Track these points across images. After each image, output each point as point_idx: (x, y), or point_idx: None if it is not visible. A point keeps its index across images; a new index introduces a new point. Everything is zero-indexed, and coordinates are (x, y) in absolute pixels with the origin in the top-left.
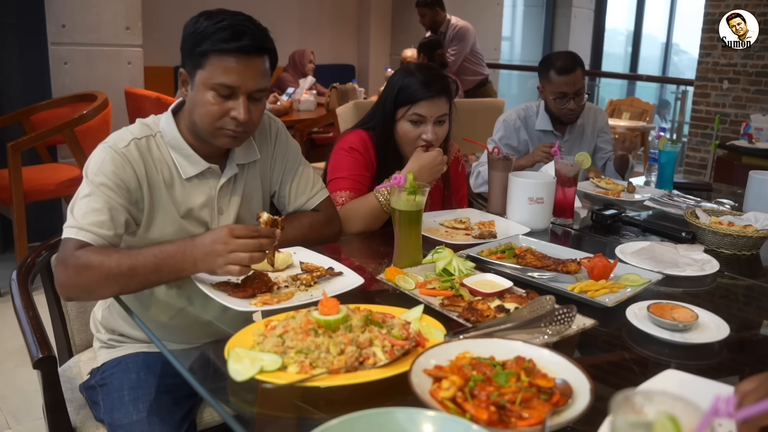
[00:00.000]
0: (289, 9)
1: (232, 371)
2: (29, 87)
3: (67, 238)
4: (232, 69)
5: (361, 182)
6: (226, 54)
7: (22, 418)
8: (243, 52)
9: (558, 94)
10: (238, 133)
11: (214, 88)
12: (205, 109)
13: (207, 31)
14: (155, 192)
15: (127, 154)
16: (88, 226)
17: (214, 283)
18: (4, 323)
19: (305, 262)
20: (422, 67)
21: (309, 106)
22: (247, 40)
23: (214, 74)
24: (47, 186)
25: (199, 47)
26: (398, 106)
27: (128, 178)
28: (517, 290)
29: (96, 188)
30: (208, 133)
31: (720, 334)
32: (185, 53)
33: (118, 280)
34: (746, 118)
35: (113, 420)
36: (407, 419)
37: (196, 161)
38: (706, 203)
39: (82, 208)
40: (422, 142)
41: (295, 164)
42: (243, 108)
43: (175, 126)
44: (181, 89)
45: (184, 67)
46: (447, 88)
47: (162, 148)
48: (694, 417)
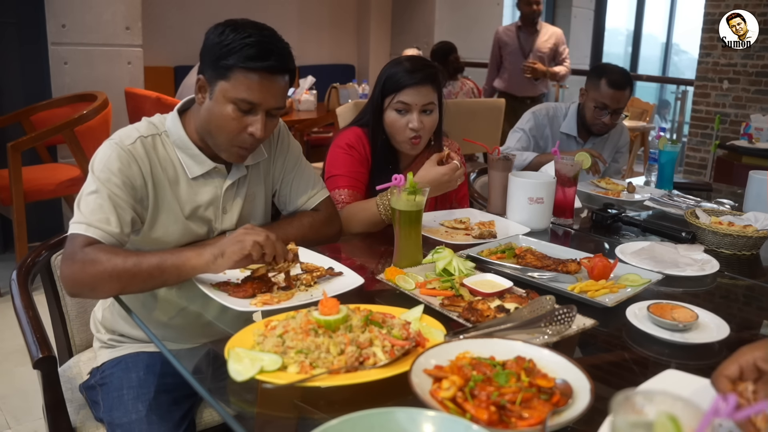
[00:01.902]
0: (289, 9)
1: (232, 371)
2: (29, 87)
3: (76, 234)
4: (255, 86)
5: (359, 179)
6: (251, 71)
7: (22, 418)
8: (268, 71)
9: (600, 104)
10: (251, 149)
11: (235, 102)
12: (223, 122)
13: (234, 45)
14: (160, 190)
15: (133, 151)
16: (96, 223)
17: (214, 283)
18: (4, 323)
19: (305, 262)
20: (410, 57)
21: (309, 106)
22: (274, 60)
23: (237, 89)
24: (47, 186)
25: (224, 60)
26: (385, 95)
27: (134, 175)
28: (517, 290)
29: (102, 185)
30: (222, 147)
31: (720, 334)
32: (207, 62)
33: (121, 278)
34: (746, 118)
35: (113, 419)
36: (407, 419)
37: (202, 161)
38: (706, 203)
39: (89, 204)
40: (411, 133)
41: (295, 164)
42: (261, 125)
43: (182, 126)
44: (197, 95)
45: (203, 73)
46: (432, 76)
47: (168, 147)
48: (695, 417)
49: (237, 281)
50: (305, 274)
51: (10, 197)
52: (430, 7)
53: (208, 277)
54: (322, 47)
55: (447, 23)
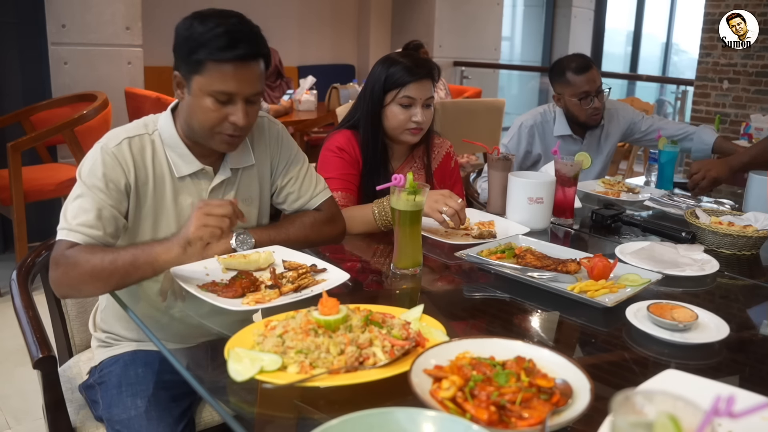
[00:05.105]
0: (288, 9)
1: (232, 371)
2: (29, 87)
3: (60, 240)
4: (229, 76)
5: (351, 181)
6: (223, 62)
7: (22, 418)
8: (240, 60)
9: (581, 95)
10: (236, 137)
11: (212, 94)
12: (204, 115)
13: (202, 39)
14: (145, 191)
15: (117, 153)
16: (77, 227)
17: (200, 284)
18: (4, 323)
19: (287, 260)
20: (404, 55)
21: (309, 106)
22: (243, 48)
23: (212, 82)
24: (47, 186)
25: (195, 54)
26: (387, 91)
27: (118, 177)
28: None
29: (87, 189)
30: (206, 137)
31: (720, 334)
32: (180, 57)
33: (100, 276)
34: (746, 118)
35: (111, 416)
36: (407, 419)
37: (190, 161)
38: (706, 203)
39: (73, 209)
40: (412, 125)
41: (296, 165)
42: (242, 113)
43: (173, 125)
44: (177, 91)
45: (178, 69)
46: (432, 71)
47: (157, 146)
48: (695, 417)
49: (223, 281)
50: (290, 272)
51: (10, 197)
52: (430, 6)
53: (194, 278)
54: (322, 47)
55: (447, 23)
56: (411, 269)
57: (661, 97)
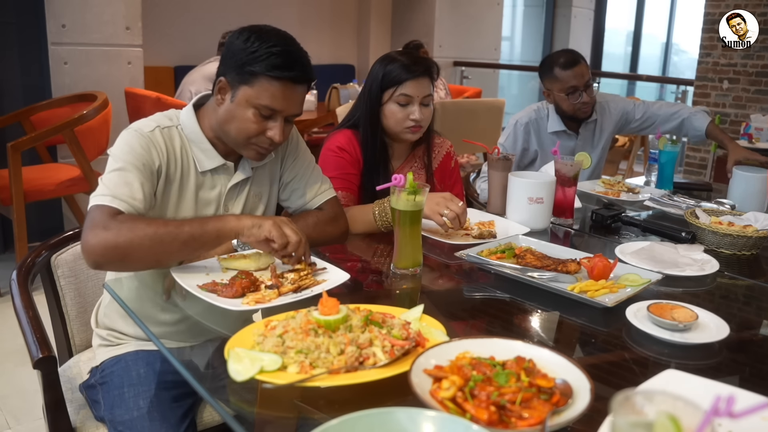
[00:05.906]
0: (289, 9)
1: (232, 371)
2: (29, 87)
3: (100, 205)
4: (278, 94)
5: (351, 181)
6: (275, 80)
7: (22, 418)
8: (291, 81)
9: (569, 90)
10: (269, 149)
11: (257, 107)
12: (244, 125)
13: (260, 53)
14: (173, 179)
15: (152, 137)
16: (122, 196)
17: (200, 284)
18: (4, 323)
19: None
20: (402, 53)
21: (309, 106)
22: (298, 71)
23: (260, 96)
24: (47, 186)
25: (250, 66)
26: (384, 89)
27: (152, 160)
28: None
29: (126, 163)
30: (240, 145)
31: (720, 334)
32: (230, 65)
33: (164, 240)
34: (746, 118)
35: (114, 417)
36: (407, 419)
37: (213, 156)
38: (706, 203)
39: (113, 179)
40: (410, 123)
41: (304, 165)
42: (280, 130)
43: (196, 121)
44: (217, 96)
45: (225, 76)
46: (430, 69)
47: (183, 139)
48: (695, 417)
49: (223, 281)
50: (291, 273)
51: (10, 197)
52: (430, 7)
53: (193, 277)
54: (322, 47)
55: (447, 23)
56: (411, 269)
57: (661, 97)
